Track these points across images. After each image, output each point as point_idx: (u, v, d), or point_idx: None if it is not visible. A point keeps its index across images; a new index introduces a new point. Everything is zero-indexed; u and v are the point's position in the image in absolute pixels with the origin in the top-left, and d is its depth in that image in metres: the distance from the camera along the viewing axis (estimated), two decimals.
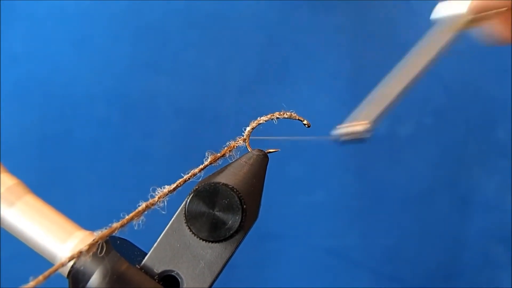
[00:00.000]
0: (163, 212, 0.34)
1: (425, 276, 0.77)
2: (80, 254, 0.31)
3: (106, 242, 0.32)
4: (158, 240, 0.32)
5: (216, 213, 0.31)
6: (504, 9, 0.41)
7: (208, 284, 0.32)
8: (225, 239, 0.31)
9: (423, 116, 0.76)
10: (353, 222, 0.76)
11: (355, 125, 0.37)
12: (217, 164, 0.35)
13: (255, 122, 0.36)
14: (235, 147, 0.36)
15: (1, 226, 0.33)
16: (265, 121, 0.36)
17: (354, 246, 0.76)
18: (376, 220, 0.76)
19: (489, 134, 0.76)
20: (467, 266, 0.77)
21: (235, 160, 0.34)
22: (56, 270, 0.30)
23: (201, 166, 0.35)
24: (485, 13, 0.41)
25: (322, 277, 0.76)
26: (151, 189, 0.35)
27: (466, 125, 0.76)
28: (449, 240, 0.77)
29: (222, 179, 0.32)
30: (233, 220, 0.30)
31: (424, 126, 0.76)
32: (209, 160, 0.35)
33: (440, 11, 0.46)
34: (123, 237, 0.34)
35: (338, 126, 0.37)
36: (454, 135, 0.76)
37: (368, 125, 0.37)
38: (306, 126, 0.37)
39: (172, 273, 0.32)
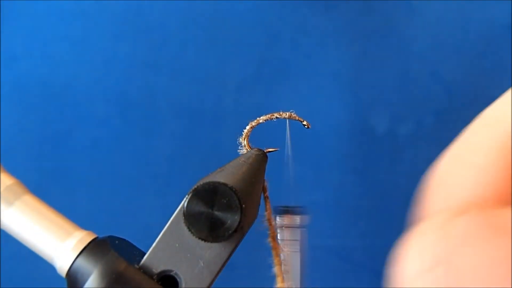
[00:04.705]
0: (162, 212, 0.34)
1: None
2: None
3: (105, 242, 0.32)
4: (157, 240, 0.32)
5: (215, 212, 0.31)
6: None
7: (207, 284, 0.32)
8: (224, 239, 0.31)
9: (423, 116, 0.76)
10: (354, 222, 0.76)
11: None
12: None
13: (255, 121, 0.36)
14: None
15: (0, 226, 0.33)
16: (265, 120, 0.36)
17: (354, 246, 0.76)
18: (377, 220, 0.76)
19: None
20: None
21: (233, 160, 0.34)
22: None
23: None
24: None
25: (322, 277, 0.76)
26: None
27: (466, 125, 0.76)
28: None
29: (221, 178, 0.32)
30: (232, 220, 0.30)
31: (424, 126, 0.76)
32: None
33: None
34: (122, 237, 0.34)
35: None
36: (455, 135, 0.76)
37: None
38: (306, 127, 0.37)
39: (171, 273, 0.32)
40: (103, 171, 0.73)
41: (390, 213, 0.76)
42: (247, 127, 0.37)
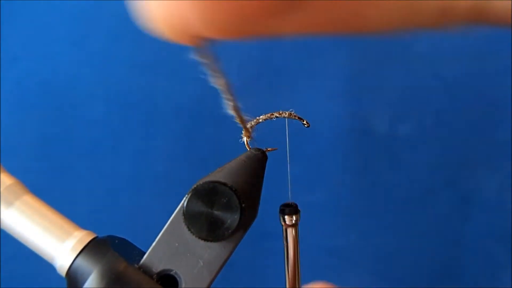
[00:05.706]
0: (162, 212, 0.34)
1: (426, 276, 0.77)
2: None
3: (105, 241, 0.32)
4: (157, 239, 0.32)
5: (215, 212, 0.31)
6: None
7: (206, 283, 0.32)
8: (224, 239, 0.31)
9: (423, 116, 0.76)
10: (353, 222, 0.76)
11: None
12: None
13: (254, 121, 0.36)
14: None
15: (0, 226, 0.33)
16: (264, 120, 0.36)
17: (354, 246, 0.76)
18: (376, 220, 0.76)
19: (489, 134, 0.76)
20: (467, 266, 0.77)
21: (233, 159, 0.34)
22: None
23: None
24: None
25: (321, 277, 0.76)
26: None
27: (466, 125, 0.76)
28: (449, 240, 0.77)
29: (220, 178, 0.32)
30: (231, 219, 0.30)
31: (424, 126, 0.76)
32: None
33: None
34: (121, 237, 0.34)
35: None
36: (455, 135, 0.76)
37: None
38: (306, 126, 0.37)
39: (171, 273, 0.32)
40: (103, 171, 0.73)
41: (389, 213, 0.76)
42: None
